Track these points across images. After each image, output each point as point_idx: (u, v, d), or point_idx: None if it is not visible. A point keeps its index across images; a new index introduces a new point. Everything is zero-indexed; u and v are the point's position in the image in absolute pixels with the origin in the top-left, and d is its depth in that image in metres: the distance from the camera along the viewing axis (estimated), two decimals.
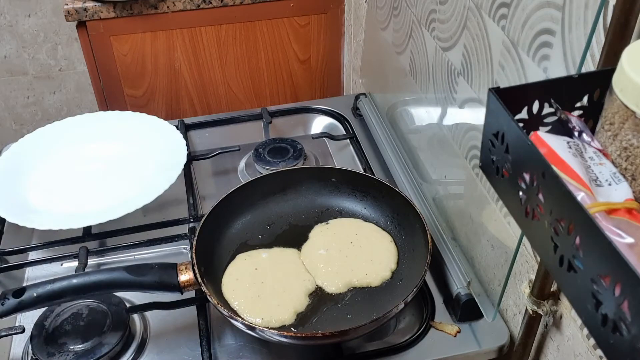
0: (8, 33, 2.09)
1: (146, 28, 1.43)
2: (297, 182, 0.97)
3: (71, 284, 0.75)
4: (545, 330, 0.75)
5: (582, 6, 0.57)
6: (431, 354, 0.80)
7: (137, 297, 0.87)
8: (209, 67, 1.53)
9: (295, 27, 1.53)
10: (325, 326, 0.79)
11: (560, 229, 0.40)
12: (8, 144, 1.13)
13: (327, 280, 0.84)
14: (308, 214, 0.95)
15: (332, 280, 0.84)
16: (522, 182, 0.45)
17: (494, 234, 0.81)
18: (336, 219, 0.94)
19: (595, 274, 0.37)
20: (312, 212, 0.96)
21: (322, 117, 1.27)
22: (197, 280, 0.77)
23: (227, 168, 1.16)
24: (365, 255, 0.87)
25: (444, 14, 0.87)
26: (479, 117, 0.80)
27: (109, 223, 0.95)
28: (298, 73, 1.61)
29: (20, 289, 0.75)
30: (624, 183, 0.43)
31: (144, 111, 1.16)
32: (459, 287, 0.84)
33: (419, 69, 1.01)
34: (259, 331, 0.74)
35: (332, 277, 0.84)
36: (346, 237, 0.90)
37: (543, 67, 0.65)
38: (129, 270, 0.77)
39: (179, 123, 1.21)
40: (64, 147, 1.11)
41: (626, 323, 0.35)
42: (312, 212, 0.96)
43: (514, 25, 0.69)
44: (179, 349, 0.83)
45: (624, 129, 0.44)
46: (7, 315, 0.74)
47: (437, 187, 0.98)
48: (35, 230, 0.99)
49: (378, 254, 0.87)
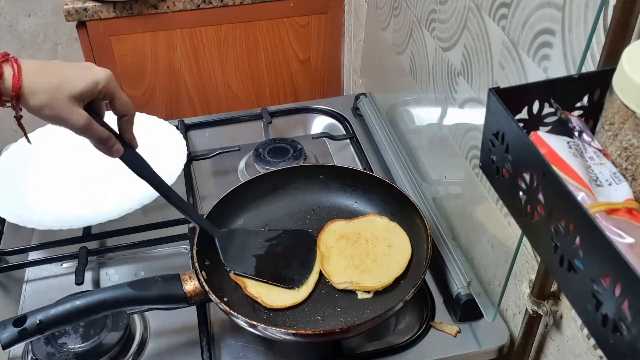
0: (8, 33, 2.08)
1: (146, 28, 1.43)
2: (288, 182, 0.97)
3: (75, 306, 0.72)
4: (546, 330, 0.75)
5: (582, 6, 0.57)
6: (431, 354, 0.80)
7: None
8: (209, 67, 1.53)
9: (295, 27, 1.53)
10: (325, 323, 0.79)
11: (561, 229, 0.40)
12: (8, 144, 1.13)
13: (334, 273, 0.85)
14: (300, 213, 0.95)
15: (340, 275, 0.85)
16: (522, 182, 0.45)
17: (494, 234, 0.81)
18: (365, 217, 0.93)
19: (596, 274, 0.37)
20: (303, 210, 0.96)
21: (322, 117, 1.27)
22: (203, 286, 0.77)
23: (227, 168, 1.16)
24: (380, 260, 0.86)
25: (444, 14, 0.87)
26: (479, 117, 0.80)
27: (109, 223, 0.95)
28: (298, 73, 1.61)
29: (21, 317, 0.70)
30: (624, 183, 0.43)
31: (144, 111, 1.16)
32: (459, 287, 0.84)
33: (419, 69, 1.01)
34: (261, 329, 0.74)
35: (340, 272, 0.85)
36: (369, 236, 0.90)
37: (543, 67, 0.65)
38: (132, 286, 0.75)
39: (179, 123, 1.21)
40: (64, 147, 1.11)
41: (626, 323, 0.35)
42: (303, 211, 0.96)
43: (514, 25, 0.69)
44: (179, 349, 0.83)
45: (624, 129, 0.44)
46: (9, 347, 0.69)
47: (437, 187, 0.98)
48: (35, 230, 0.99)
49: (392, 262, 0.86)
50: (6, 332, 0.68)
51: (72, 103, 0.64)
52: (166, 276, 0.78)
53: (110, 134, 0.71)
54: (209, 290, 0.77)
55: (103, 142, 0.70)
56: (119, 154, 0.73)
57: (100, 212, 0.97)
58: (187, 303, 0.78)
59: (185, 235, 0.96)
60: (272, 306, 0.81)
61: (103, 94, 0.68)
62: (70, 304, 0.72)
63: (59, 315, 0.71)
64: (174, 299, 0.78)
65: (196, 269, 0.79)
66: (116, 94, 0.70)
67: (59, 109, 0.63)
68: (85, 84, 0.65)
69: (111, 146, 0.71)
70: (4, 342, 0.68)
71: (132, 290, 0.75)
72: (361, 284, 0.82)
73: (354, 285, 0.82)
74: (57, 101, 0.63)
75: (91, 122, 0.67)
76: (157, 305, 0.78)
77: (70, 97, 0.64)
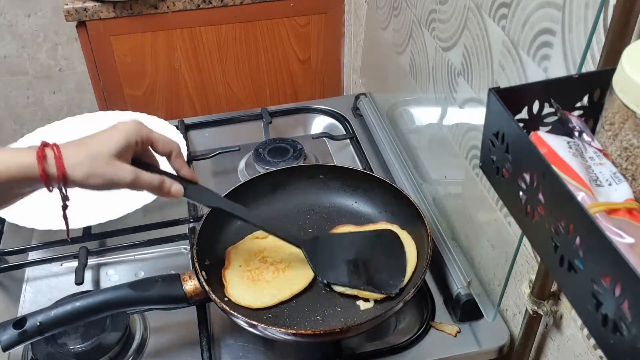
0: (8, 33, 2.08)
1: (146, 28, 1.43)
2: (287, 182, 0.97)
3: (75, 308, 0.72)
4: (546, 330, 0.75)
5: (582, 6, 0.57)
6: (431, 354, 0.80)
7: None
8: (209, 67, 1.53)
9: (295, 27, 1.53)
10: (325, 323, 0.79)
11: (561, 229, 0.40)
12: (8, 144, 1.13)
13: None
14: (300, 213, 0.95)
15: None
16: (522, 182, 0.45)
17: (494, 234, 0.81)
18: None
19: (596, 274, 0.37)
20: (303, 210, 0.96)
21: (322, 117, 1.27)
22: (203, 286, 0.77)
23: (227, 168, 1.16)
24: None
25: (444, 14, 0.87)
26: (479, 117, 0.80)
27: (109, 223, 0.95)
28: (298, 73, 1.61)
29: (21, 318, 0.70)
30: (624, 183, 0.43)
31: (144, 111, 1.16)
32: (459, 287, 0.84)
33: (419, 69, 1.01)
34: (261, 329, 0.74)
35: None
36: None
37: (543, 67, 0.65)
38: (132, 286, 0.75)
39: (179, 123, 1.21)
40: None
41: (626, 323, 0.35)
42: (303, 211, 0.95)
43: (514, 25, 0.69)
44: (179, 349, 0.83)
45: (624, 129, 0.44)
46: (9, 349, 0.69)
47: (437, 187, 0.98)
48: (35, 230, 0.99)
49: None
50: (6, 334, 0.68)
51: (113, 163, 0.67)
52: (166, 276, 0.78)
53: (163, 179, 0.72)
54: (209, 290, 0.77)
55: (158, 189, 0.71)
56: (181, 193, 0.73)
57: (100, 212, 0.96)
58: (187, 303, 0.78)
59: (185, 235, 0.96)
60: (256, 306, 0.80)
61: (140, 142, 0.70)
62: (71, 305, 0.72)
63: (59, 317, 0.71)
64: (174, 299, 0.77)
65: (196, 269, 0.79)
66: (152, 138, 0.72)
67: (102, 173, 0.66)
68: (118, 141, 0.67)
69: (168, 190, 0.72)
70: (4, 344, 0.68)
71: (132, 291, 0.75)
72: (362, 292, 0.82)
73: (354, 291, 0.82)
74: (99, 167, 0.65)
75: (139, 174, 0.69)
76: (157, 305, 0.78)
77: (110, 158, 0.66)
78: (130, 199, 0.98)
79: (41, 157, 0.63)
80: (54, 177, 0.64)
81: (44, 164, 0.63)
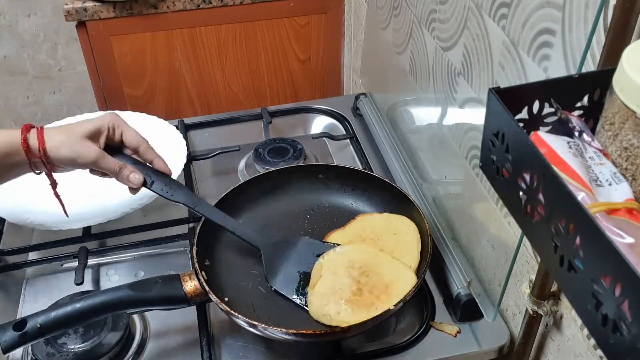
0: (8, 33, 2.09)
1: (146, 28, 1.43)
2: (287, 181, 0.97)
3: (75, 309, 0.72)
4: (546, 330, 0.75)
5: (582, 6, 0.57)
6: (431, 354, 0.80)
7: None
8: (209, 67, 1.53)
9: (295, 27, 1.53)
10: None
11: (561, 229, 0.40)
12: None
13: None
14: (299, 213, 0.95)
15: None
16: (522, 182, 0.45)
17: (494, 234, 0.81)
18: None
19: (596, 274, 0.37)
20: (302, 210, 0.96)
21: (322, 117, 1.27)
22: (203, 287, 0.77)
23: (227, 168, 1.16)
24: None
25: (444, 13, 0.87)
26: (479, 117, 0.80)
27: (109, 223, 0.95)
28: (298, 73, 1.61)
29: (21, 320, 0.70)
30: (625, 183, 0.43)
31: (144, 111, 1.16)
32: (459, 287, 0.84)
33: (419, 69, 1.01)
34: (261, 329, 0.73)
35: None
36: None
37: (543, 67, 0.64)
38: (132, 287, 0.75)
39: (179, 123, 1.21)
40: None
41: (626, 323, 0.35)
42: (303, 211, 0.96)
43: (514, 25, 0.69)
44: (179, 349, 0.83)
45: (624, 129, 0.44)
46: (9, 351, 0.69)
47: (437, 187, 0.98)
48: (35, 230, 0.99)
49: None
50: (6, 336, 0.68)
51: (83, 140, 0.76)
52: (166, 277, 0.78)
53: (122, 165, 0.79)
54: (209, 291, 0.77)
55: (116, 174, 0.79)
56: (139, 182, 0.80)
57: (100, 212, 0.96)
58: (188, 303, 0.78)
59: (185, 235, 0.96)
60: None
61: (111, 128, 0.79)
62: (71, 307, 0.72)
63: (60, 318, 0.71)
64: (174, 299, 0.77)
65: (196, 269, 0.79)
66: (123, 128, 0.80)
67: (71, 145, 0.75)
68: (91, 124, 0.77)
69: (126, 177, 0.79)
70: (5, 346, 0.68)
71: (132, 292, 0.75)
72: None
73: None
74: (71, 141, 0.75)
75: (103, 156, 0.77)
76: (157, 306, 0.78)
77: (81, 136, 0.76)
78: (130, 199, 0.98)
79: (25, 130, 0.74)
80: (35, 148, 0.74)
81: (27, 135, 0.74)
